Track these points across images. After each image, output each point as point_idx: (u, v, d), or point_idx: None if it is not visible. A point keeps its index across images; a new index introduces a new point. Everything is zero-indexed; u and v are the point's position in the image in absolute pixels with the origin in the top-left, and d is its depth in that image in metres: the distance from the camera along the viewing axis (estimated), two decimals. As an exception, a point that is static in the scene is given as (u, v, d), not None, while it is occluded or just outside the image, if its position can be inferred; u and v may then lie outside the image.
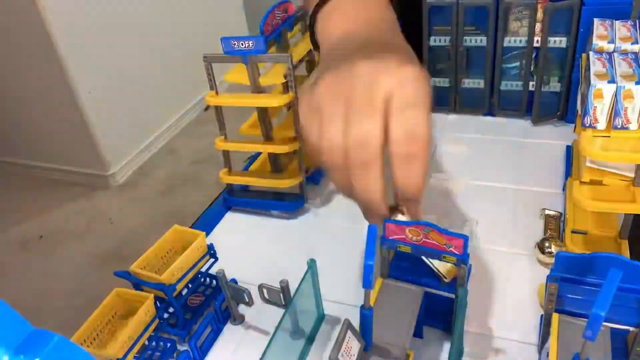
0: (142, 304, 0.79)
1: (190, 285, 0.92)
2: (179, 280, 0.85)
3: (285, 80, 1.06)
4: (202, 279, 0.96)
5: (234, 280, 0.93)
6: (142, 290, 0.87)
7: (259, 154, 1.29)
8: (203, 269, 0.94)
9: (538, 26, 1.24)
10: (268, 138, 1.15)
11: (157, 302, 0.86)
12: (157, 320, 0.82)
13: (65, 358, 0.38)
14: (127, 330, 0.75)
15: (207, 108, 1.33)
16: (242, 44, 1.02)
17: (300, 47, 1.19)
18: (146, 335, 0.79)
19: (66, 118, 2.55)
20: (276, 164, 1.20)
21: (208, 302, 0.94)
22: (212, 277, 0.97)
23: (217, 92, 1.10)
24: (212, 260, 0.94)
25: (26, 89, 2.56)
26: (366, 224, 1.12)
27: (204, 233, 0.91)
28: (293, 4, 1.16)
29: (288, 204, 1.18)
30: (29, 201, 2.62)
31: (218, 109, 1.14)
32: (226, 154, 1.19)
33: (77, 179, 2.71)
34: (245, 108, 1.11)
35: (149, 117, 2.87)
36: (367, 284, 0.64)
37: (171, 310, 0.91)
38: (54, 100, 2.53)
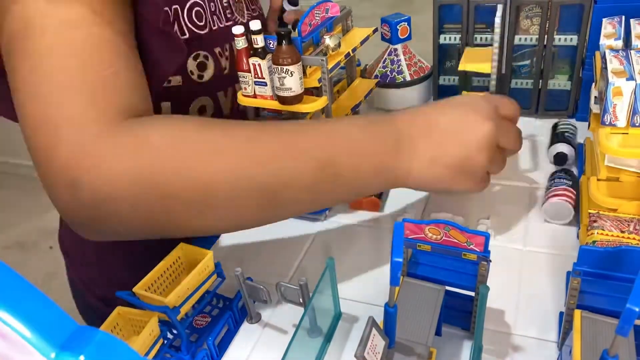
0: (146, 324, 0.76)
1: (196, 306, 0.87)
2: (183, 302, 0.80)
3: (319, 85, 1.04)
4: (209, 299, 0.90)
5: (250, 279, 0.92)
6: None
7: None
8: (211, 288, 0.89)
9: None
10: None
11: (160, 322, 0.81)
12: (161, 341, 0.79)
13: (110, 354, 0.37)
14: (130, 353, 0.73)
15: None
16: (268, 43, 1.01)
17: (340, 49, 1.12)
18: (150, 356, 0.77)
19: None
20: None
21: (215, 323, 0.89)
22: (219, 296, 0.94)
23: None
24: (219, 279, 0.89)
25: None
26: (383, 223, 1.13)
27: (212, 252, 0.86)
28: (337, 4, 1.13)
29: None
30: (28, 201, 2.60)
31: (249, 109, 1.13)
32: None
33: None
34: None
35: (148, 116, 2.89)
36: (394, 280, 0.63)
37: (175, 331, 0.87)
38: (53, 100, 2.54)
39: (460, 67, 1.07)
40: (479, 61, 1.11)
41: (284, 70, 0.97)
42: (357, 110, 1.33)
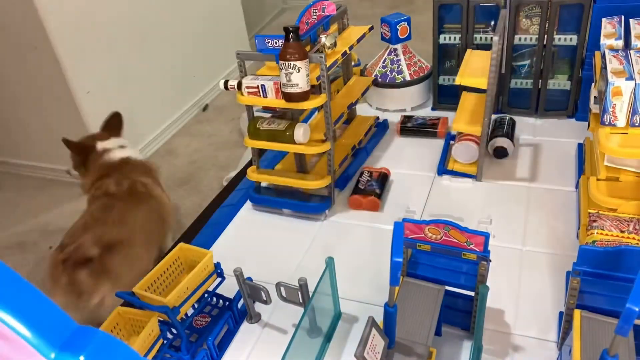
0: (146, 324, 0.75)
1: (196, 306, 0.86)
2: (183, 302, 0.78)
3: (317, 82, 1.04)
4: (209, 299, 0.89)
5: (249, 279, 0.92)
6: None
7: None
8: (210, 288, 0.88)
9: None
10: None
11: (160, 322, 0.80)
12: (161, 341, 0.78)
13: (110, 354, 0.37)
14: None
15: (205, 108, 1.30)
16: (275, 43, 1.00)
17: (337, 47, 1.12)
18: (150, 356, 0.76)
19: (64, 118, 2.53)
20: (302, 164, 1.18)
21: (215, 323, 0.88)
22: (218, 296, 0.92)
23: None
24: (219, 279, 0.88)
25: (24, 89, 2.55)
26: (383, 223, 1.13)
27: (212, 252, 0.86)
28: (333, 2, 1.13)
29: (315, 206, 1.15)
30: (28, 201, 2.59)
31: (249, 107, 1.13)
32: (255, 151, 1.18)
33: (75, 179, 2.70)
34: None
35: (147, 117, 2.86)
36: (394, 280, 0.63)
37: (175, 331, 0.86)
38: (52, 100, 2.51)
39: (457, 81, 1.08)
40: (478, 67, 1.11)
41: (291, 65, 0.96)
42: (354, 107, 1.33)
